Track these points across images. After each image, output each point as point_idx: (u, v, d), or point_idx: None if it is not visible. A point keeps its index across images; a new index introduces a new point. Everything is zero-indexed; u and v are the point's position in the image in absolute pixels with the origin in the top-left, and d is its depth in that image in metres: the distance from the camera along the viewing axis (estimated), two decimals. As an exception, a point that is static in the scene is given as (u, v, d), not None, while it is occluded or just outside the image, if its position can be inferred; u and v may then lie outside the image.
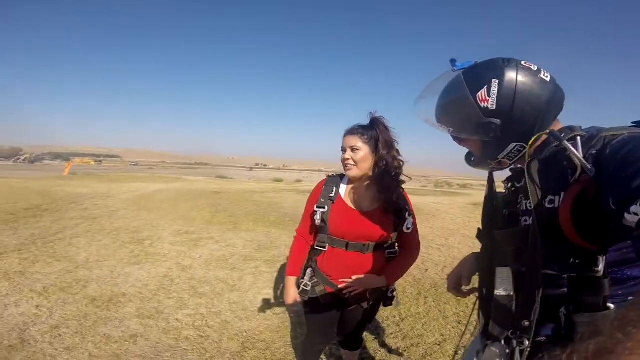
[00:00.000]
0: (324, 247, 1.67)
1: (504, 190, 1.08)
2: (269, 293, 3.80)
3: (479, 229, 1.14)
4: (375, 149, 1.61)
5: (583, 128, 0.85)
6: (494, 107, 0.88)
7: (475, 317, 1.20)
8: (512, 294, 0.89)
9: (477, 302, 1.13)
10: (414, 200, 1.86)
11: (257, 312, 3.33)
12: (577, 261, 0.77)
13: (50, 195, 10.14)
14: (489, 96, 0.88)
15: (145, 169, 58.20)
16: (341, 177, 1.75)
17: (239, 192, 11.82)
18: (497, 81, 0.87)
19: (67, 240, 5.47)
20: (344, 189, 1.70)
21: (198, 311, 3.28)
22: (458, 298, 3.61)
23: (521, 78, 0.86)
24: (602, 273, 0.74)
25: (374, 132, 1.62)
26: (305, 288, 1.70)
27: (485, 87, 0.89)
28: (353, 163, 1.61)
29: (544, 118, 0.89)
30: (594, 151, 0.76)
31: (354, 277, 1.62)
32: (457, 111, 0.96)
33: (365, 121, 1.69)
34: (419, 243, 1.82)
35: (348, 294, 1.65)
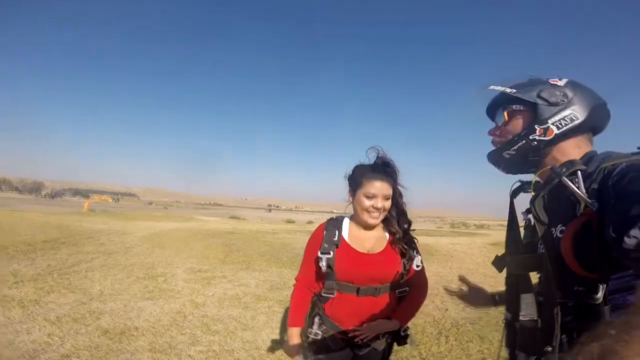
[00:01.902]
0: (332, 294, 1.57)
1: (524, 221, 1.10)
2: (281, 334, 3.68)
3: (496, 256, 1.16)
4: (393, 195, 1.58)
5: (599, 152, 0.89)
6: (562, 84, 0.97)
7: (503, 353, 1.17)
8: (535, 318, 0.90)
9: (504, 333, 1.11)
10: (430, 241, 1.84)
11: (271, 352, 3.21)
12: (580, 289, 0.80)
13: (69, 229, 10.33)
14: (560, 80, 0.98)
15: (160, 208, 58.91)
16: (341, 219, 1.67)
17: (252, 232, 11.83)
18: (567, 79, 0.99)
19: (83, 273, 5.49)
20: (346, 232, 1.61)
21: (211, 348, 3.18)
22: (481, 336, 3.47)
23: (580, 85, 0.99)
24: (600, 300, 0.76)
25: (392, 177, 1.58)
26: (315, 337, 1.58)
27: (558, 77, 1.00)
28: (382, 211, 1.54)
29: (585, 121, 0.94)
30: (595, 185, 0.79)
31: (365, 325, 1.53)
32: (526, 84, 1.02)
33: (361, 153, 1.63)
34: (427, 280, 1.73)
35: (360, 340, 1.54)
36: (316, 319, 1.61)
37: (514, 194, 1.10)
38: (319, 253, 1.56)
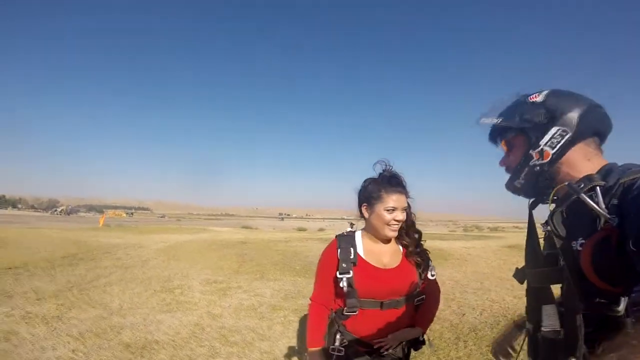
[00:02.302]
0: (355, 312, 1.58)
1: (543, 232, 1.08)
2: (298, 343, 3.70)
3: (516, 268, 1.15)
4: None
5: (620, 165, 0.89)
6: (542, 99, 0.99)
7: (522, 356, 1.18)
8: (558, 329, 0.89)
9: (526, 344, 1.10)
10: (443, 245, 1.87)
11: (289, 362, 3.24)
12: (601, 301, 0.80)
13: (86, 245, 10.52)
14: (539, 94, 1.00)
15: (173, 221, 59.48)
16: (353, 235, 1.69)
17: (264, 241, 11.89)
18: (546, 91, 1.00)
19: (102, 288, 5.61)
20: (361, 249, 1.63)
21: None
22: None
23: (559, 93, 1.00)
24: (622, 312, 0.75)
25: (406, 190, 1.62)
26: (339, 354, 1.57)
27: (537, 92, 1.01)
28: (401, 223, 1.58)
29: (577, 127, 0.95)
30: (615, 201, 0.79)
31: (390, 336, 1.56)
32: (510, 109, 1.05)
33: (368, 167, 1.68)
34: (439, 287, 1.78)
35: (385, 350, 1.57)
36: (337, 336, 1.60)
37: (533, 205, 1.10)
38: (337, 274, 1.56)
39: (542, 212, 1.10)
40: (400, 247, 1.66)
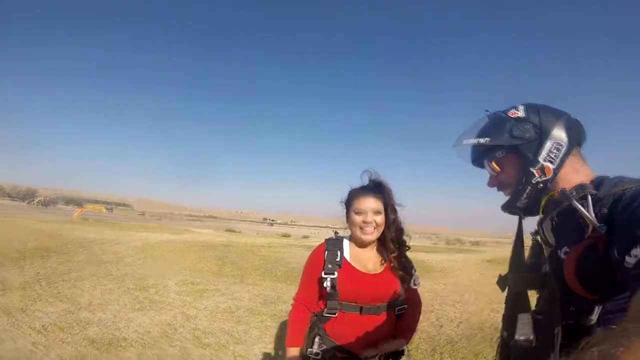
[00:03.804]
0: (334, 314, 1.59)
1: (532, 241, 1.10)
2: (274, 349, 3.59)
3: (500, 275, 1.16)
4: (386, 213, 1.62)
5: (612, 177, 0.89)
6: (524, 115, 0.98)
7: None
8: (531, 338, 0.89)
9: (497, 352, 1.11)
10: (425, 257, 1.84)
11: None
12: (575, 309, 0.81)
13: (60, 237, 10.15)
14: (518, 110, 1.00)
15: (154, 219, 58.41)
16: (341, 239, 1.70)
17: (247, 245, 11.70)
18: (522, 105, 1.00)
19: (72, 282, 5.38)
20: (347, 253, 1.65)
21: (201, 362, 3.09)
22: (476, 353, 3.42)
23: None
24: (594, 322, 0.77)
25: (384, 195, 1.63)
26: (315, 357, 1.57)
27: (513, 108, 1.01)
28: (375, 226, 1.58)
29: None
30: (605, 210, 0.79)
31: (376, 348, 1.54)
32: (493, 127, 1.03)
33: (356, 177, 1.70)
34: (420, 297, 1.78)
35: (364, 358, 1.55)
36: (316, 339, 1.60)
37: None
38: (322, 274, 1.57)
39: (530, 223, 1.11)
40: (385, 255, 1.66)
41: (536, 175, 0.96)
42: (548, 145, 0.95)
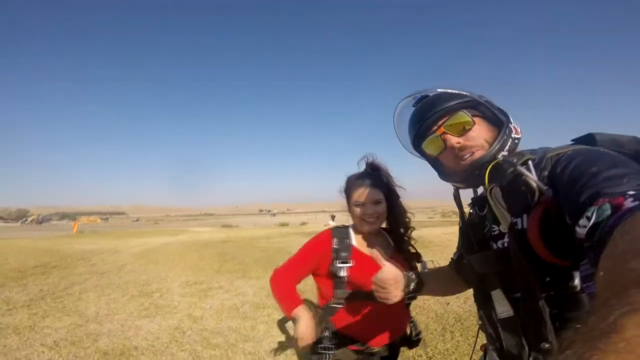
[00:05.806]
0: (342, 304, 1.56)
1: (471, 212, 1.08)
2: (284, 341, 3.68)
3: (452, 259, 1.18)
4: (387, 199, 1.58)
5: (531, 149, 0.89)
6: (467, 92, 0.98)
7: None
8: (512, 314, 0.88)
9: (479, 332, 1.11)
10: (422, 232, 1.84)
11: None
12: (551, 279, 0.78)
13: (59, 252, 10.14)
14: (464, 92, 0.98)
15: (150, 224, 58.07)
16: (347, 228, 1.66)
17: (245, 239, 11.79)
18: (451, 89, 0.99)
19: (76, 295, 5.41)
20: (354, 240, 1.61)
21: (212, 362, 3.17)
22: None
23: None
24: (579, 288, 0.75)
25: (383, 181, 1.59)
26: (329, 352, 1.53)
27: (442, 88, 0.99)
28: (376, 216, 1.55)
29: None
30: (545, 173, 0.79)
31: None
32: (458, 93, 0.98)
33: (353, 162, 1.65)
34: None
35: (376, 346, 1.56)
36: (326, 334, 1.56)
37: (457, 190, 1.06)
38: (337, 263, 1.53)
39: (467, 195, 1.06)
40: (391, 241, 1.65)
41: (514, 132, 0.92)
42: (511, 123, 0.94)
